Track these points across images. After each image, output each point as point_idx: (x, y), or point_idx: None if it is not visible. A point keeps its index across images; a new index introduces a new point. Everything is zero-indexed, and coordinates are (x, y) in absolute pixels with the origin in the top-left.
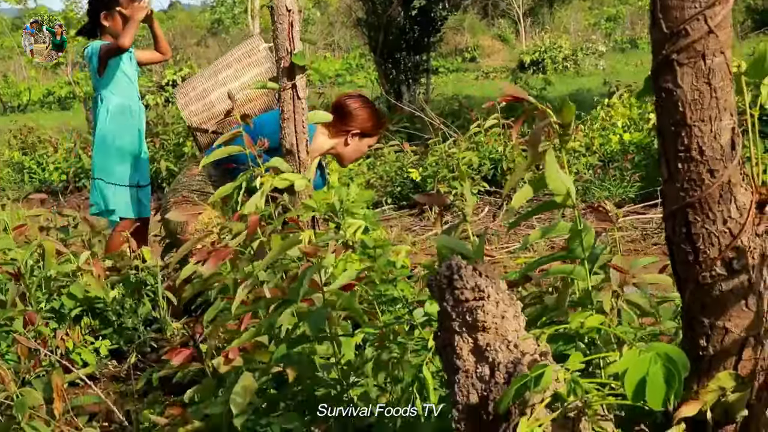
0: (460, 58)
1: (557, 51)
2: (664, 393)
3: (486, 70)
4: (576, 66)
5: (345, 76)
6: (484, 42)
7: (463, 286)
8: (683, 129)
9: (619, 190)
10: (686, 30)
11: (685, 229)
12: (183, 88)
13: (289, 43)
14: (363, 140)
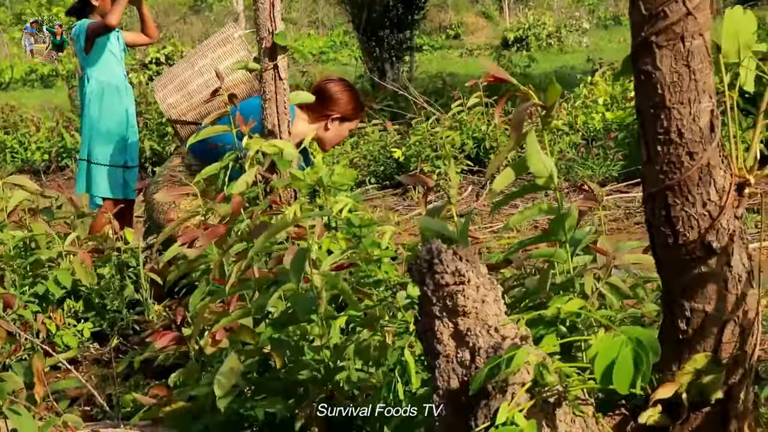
0: (444, 36)
1: (541, 28)
2: (631, 377)
3: (470, 48)
4: (560, 43)
5: (329, 53)
6: (468, 19)
7: (444, 270)
8: (662, 111)
9: (602, 169)
10: (665, 12)
11: (664, 211)
12: (161, 80)
13: (270, 23)
14: (344, 124)
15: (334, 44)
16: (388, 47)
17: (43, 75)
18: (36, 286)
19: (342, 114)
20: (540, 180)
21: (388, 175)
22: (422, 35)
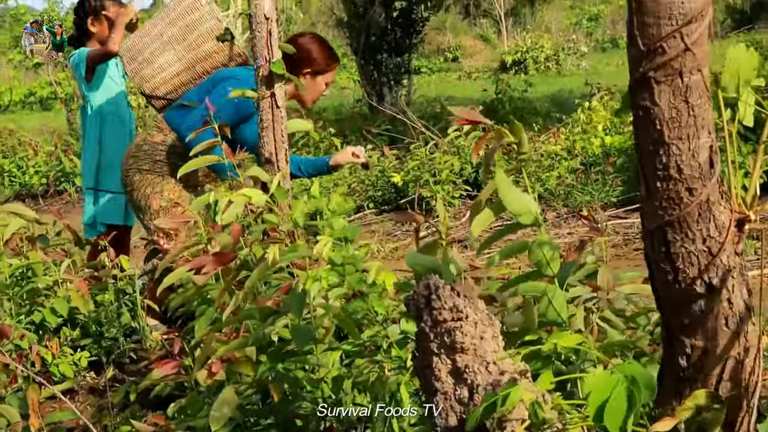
0: (443, 58)
1: (539, 51)
2: (624, 415)
3: (468, 71)
4: (558, 66)
5: None
6: (466, 42)
7: (441, 306)
8: (661, 147)
9: (601, 194)
10: (663, 47)
11: (664, 248)
12: (129, 53)
13: (267, 51)
14: (317, 78)
15: None
16: (386, 71)
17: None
18: (33, 315)
19: (313, 68)
20: (523, 218)
21: (387, 200)
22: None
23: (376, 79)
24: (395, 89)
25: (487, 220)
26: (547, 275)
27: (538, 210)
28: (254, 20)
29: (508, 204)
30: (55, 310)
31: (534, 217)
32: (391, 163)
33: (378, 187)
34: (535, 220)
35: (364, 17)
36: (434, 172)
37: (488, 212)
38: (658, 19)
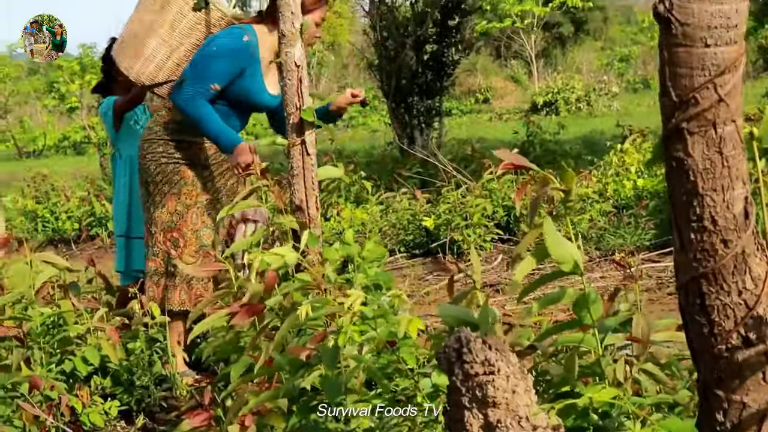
0: (473, 100)
1: (570, 92)
2: None
3: (499, 112)
4: (589, 107)
5: (358, 118)
6: (497, 83)
7: (473, 360)
8: (695, 198)
9: (634, 238)
10: (696, 98)
11: (699, 300)
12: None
13: (298, 98)
14: (305, 17)
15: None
16: (417, 113)
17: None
18: (63, 363)
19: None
20: (564, 266)
21: (418, 244)
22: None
23: (407, 122)
24: (426, 132)
25: (529, 267)
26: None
27: (581, 259)
28: (285, 68)
29: (553, 252)
30: (86, 359)
31: (576, 266)
32: (423, 207)
33: (409, 231)
34: (576, 268)
35: (395, 60)
36: (466, 215)
37: (531, 259)
38: (690, 70)
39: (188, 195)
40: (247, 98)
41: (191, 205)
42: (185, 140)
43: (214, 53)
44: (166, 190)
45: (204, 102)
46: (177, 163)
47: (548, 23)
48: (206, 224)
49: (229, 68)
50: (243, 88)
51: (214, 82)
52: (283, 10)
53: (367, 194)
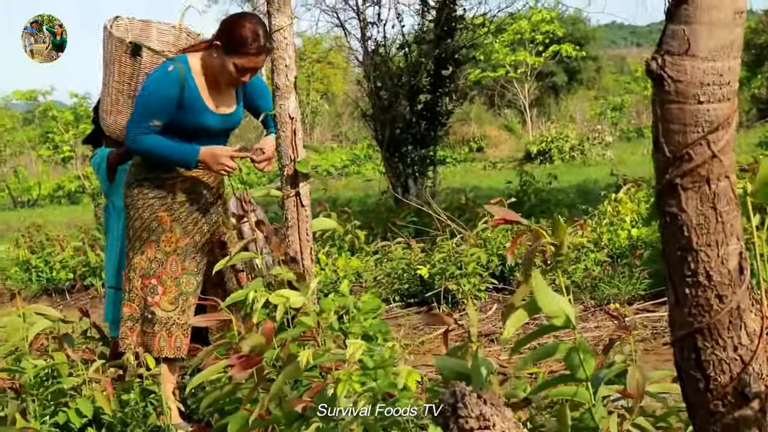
0: (468, 148)
1: (564, 141)
2: None
3: (493, 160)
4: (583, 156)
5: (351, 167)
6: (491, 132)
7: (468, 414)
8: (689, 254)
9: (628, 287)
10: (689, 155)
11: (694, 355)
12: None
13: (292, 150)
14: (226, 57)
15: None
16: (411, 162)
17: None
18: (57, 416)
19: (222, 42)
20: (556, 320)
21: (413, 293)
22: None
23: (402, 171)
24: (420, 181)
25: (520, 321)
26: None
27: (572, 313)
28: (279, 120)
29: (544, 306)
30: (80, 412)
31: (568, 320)
32: (418, 256)
33: (404, 280)
34: (569, 322)
35: (389, 110)
36: (460, 264)
37: (522, 313)
38: (684, 126)
39: (167, 242)
40: (193, 122)
41: (171, 252)
42: (158, 177)
43: (145, 92)
44: (145, 236)
45: (148, 136)
46: (154, 208)
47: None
48: (187, 270)
49: (161, 101)
50: (185, 114)
51: (152, 119)
52: (277, 63)
53: (361, 243)
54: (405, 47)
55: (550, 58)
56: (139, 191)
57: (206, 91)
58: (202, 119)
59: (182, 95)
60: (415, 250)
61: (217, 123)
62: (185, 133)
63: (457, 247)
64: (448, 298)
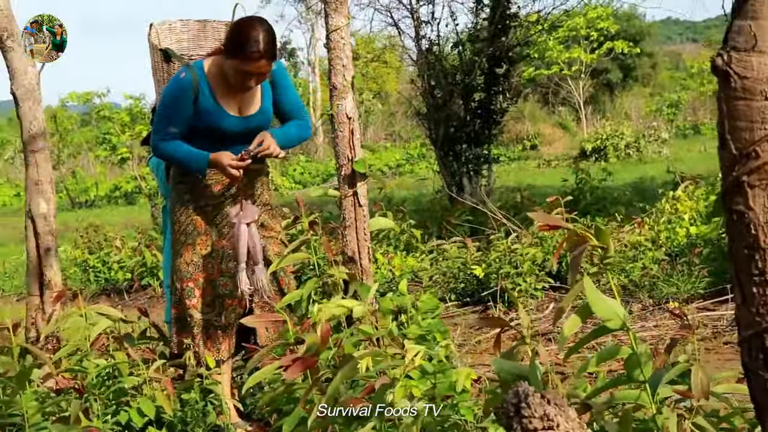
0: (521, 146)
1: (619, 138)
2: None
3: (547, 158)
4: (638, 153)
5: (405, 165)
6: (545, 130)
7: (531, 414)
8: (757, 252)
9: (687, 286)
10: (756, 152)
11: (762, 355)
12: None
13: (350, 150)
14: (228, 61)
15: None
16: (465, 161)
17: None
18: (119, 415)
19: (226, 47)
20: (610, 323)
21: (468, 292)
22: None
23: (456, 170)
24: (475, 179)
25: (575, 325)
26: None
27: (625, 315)
28: (336, 120)
29: (596, 310)
30: (141, 411)
31: (622, 323)
32: (473, 255)
33: (460, 279)
34: (622, 325)
35: (443, 109)
36: (516, 263)
37: (576, 318)
38: (750, 123)
39: (203, 245)
40: (212, 127)
41: (207, 254)
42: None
43: (162, 101)
44: (183, 239)
45: (167, 142)
46: (189, 211)
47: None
48: (224, 272)
49: (174, 108)
50: (202, 119)
51: (168, 126)
52: (334, 63)
53: (416, 242)
54: (459, 45)
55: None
56: (177, 194)
57: (224, 94)
58: (220, 123)
59: (197, 100)
60: (471, 249)
61: (238, 125)
62: (208, 137)
63: (512, 246)
64: (504, 297)
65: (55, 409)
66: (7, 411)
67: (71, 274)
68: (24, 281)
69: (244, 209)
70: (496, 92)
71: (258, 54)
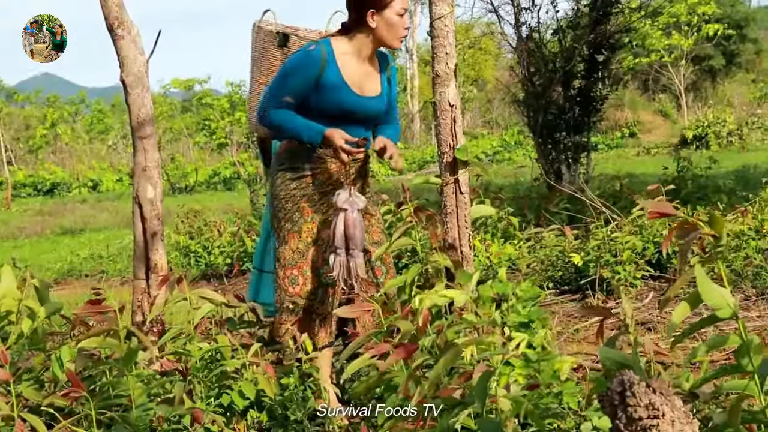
0: (620, 134)
1: (721, 126)
2: None
3: (647, 146)
4: (741, 141)
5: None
6: (644, 117)
7: (637, 403)
8: None
9: None
10: None
11: None
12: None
13: (452, 138)
14: (384, 13)
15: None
16: (564, 149)
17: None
18: (222, 397)
19: (374, 5)
20: (721, 312)
21: (566, 281)
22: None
23: (554, 158)
24: (573, 167)
25: (685, 313)
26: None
27: (736, 304)
28: (439, 107)
29: (707, 298)
30: (243, 394)
31: (732, 312)
32: (571, 243)
33: (558, 267)
34: (733, 314)
35: (542, 96)
36: (615, 252)
37: (686, 305)
38: None
39: (308, 233)
40: (336, 104)
41: (312, 242)
42: (299, 167)
43: (283, 69)
44: (288, 227)
45: (280, 110)
46: (296, 198)
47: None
48: (327, 261)
49: (298, 77)
50: (326, 95)
51: (284, 95)
52: (437, 51)
53: (514, 230)
54: (559, 32)
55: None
56: (282, 181)
57: (352, 73)
58: (345, 99)
59: (322, 75)
60: (569, 237)
61: (362, 106)
62: (327, 115)
63: (611, 235)
64: (603, 286)
65: (160, 391)
66: (113, 392)
67: (173, 258)
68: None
69: (352, 196)
70: (596, 79)
71: None
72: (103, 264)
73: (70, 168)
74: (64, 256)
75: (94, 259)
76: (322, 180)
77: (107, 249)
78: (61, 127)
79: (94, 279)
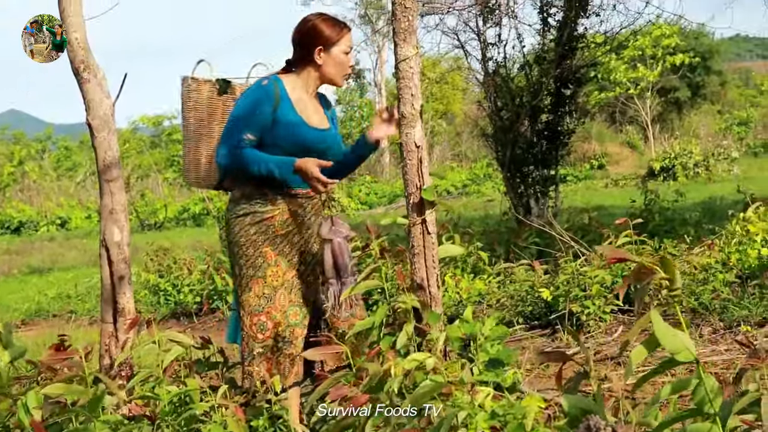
0: (588, 165)
1: (688, 157)
2: None
3: (615, 178)
4: (708, 172)
5: (471, 186)
6: (612, 149)
7: None
8: None
9: (759, 309)
10: None
11: None
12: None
13: (418, 178)
14: (332, 51)
15: (477, 177)
16: (532, 182)
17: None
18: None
19: (323, 42)
20: (680, 356)
21: (536, 315)
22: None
23: (523, 191)
24: (542, 201)
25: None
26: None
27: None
28: (405, 148)
29: (665, 343)
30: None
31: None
32: (541, 278)
33: (528, 302)
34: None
35: (510, 130)
36: (584, 286)
37: (642, 349)
38: None
39: (274, 276)
40: (291, 139)
41: (278, 285)
42: (257, 211)
43: (237, 108)
44: (251, 273)
45: (246, 150)
46: (257, 244)
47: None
48: (293, 302)
49: (255, 113)
50: (281, 130)
51: (246, 132)
52: (402, 92)
53: (484, 265)
54: (526, 67)
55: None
56: (240, 228)
57: (305, 108)
58: (305, 136)
59: (277, 110)
60: (539, 272)
61: (322, 139)
62: (284, 152)
63: (580, 269)
64: (572, 320)
65: None
66: None
67: (142, 296)
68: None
69: (335, 224)
70: (563, 113)
71: (346, 24)
72: (72, 304)
73: (38, 205)
74: (32, 296)
75: (62, 298)
76: (282, 220)
77: (75, 288)
78: (29, 164)
79: (62, 319)
